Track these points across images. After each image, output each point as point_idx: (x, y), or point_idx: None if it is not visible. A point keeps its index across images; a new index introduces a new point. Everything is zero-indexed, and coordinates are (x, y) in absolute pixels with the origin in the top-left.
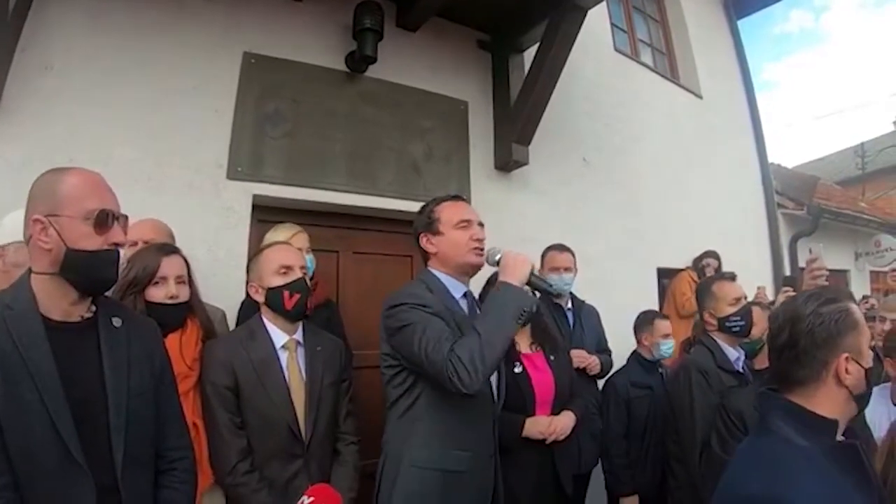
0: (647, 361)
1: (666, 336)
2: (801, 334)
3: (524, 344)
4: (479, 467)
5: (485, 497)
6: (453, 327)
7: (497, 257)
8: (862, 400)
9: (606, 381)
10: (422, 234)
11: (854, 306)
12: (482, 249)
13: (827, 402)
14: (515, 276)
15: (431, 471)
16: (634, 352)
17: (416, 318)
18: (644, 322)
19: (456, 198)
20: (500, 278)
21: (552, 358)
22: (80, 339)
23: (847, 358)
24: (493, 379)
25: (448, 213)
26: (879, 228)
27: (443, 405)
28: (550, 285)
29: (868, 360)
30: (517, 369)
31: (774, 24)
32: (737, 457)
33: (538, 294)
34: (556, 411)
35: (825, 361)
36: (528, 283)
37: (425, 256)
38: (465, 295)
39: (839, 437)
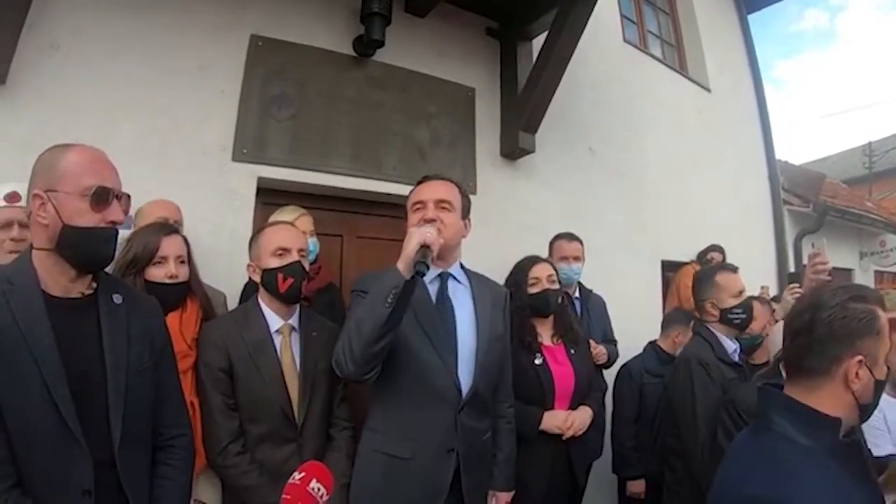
0: (665, 354)
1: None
2: (820, 322)
3: (546, 336)
4: (430, 459)
5: (436, 491)
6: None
7: None
8: (866, 411)
9: (622, 366)
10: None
11: (882, 313)
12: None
13: (831, 400)
14: (402, 256)
15: (375, 452)
16: (653, 342)
17: (354, 304)
18: (681, 320)
19: (424, 179)
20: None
21: (572, 351)
22: (80, 314)
23: (860, 362)
24: (466, 372)
25: (410, 198)
26: (885, 228)
27: (392, 391)
28: (424, 266)
29: (882, 371)
30: (537, 360)
31: (789, 22)
32: (735, 454)
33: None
34: (574, 404)
35: (837, 357)
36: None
37: None
38: (437, 277)
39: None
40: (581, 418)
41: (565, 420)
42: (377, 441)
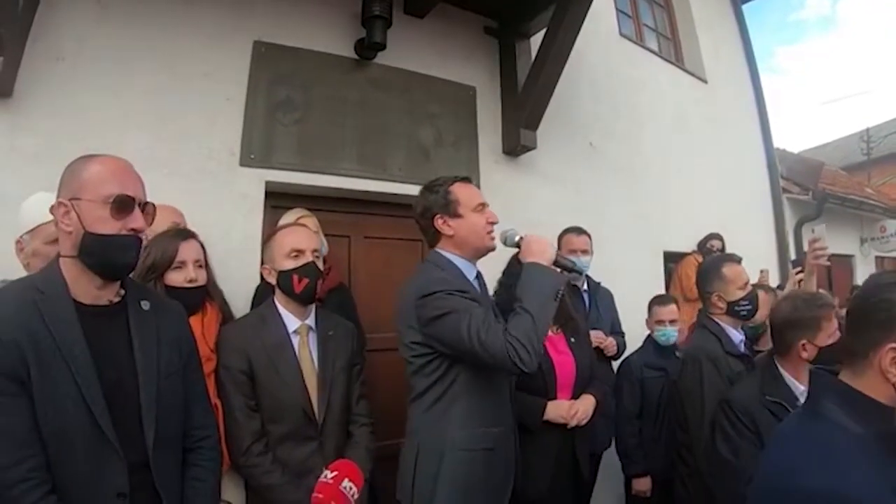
0: (662, 344)
1: (660, 322)
2: (864, 305)
3: None
4: (506, 441)
5: (510, 469)
6: (487, 309)
7: (517, 239)
8: None
9: (623, 361)
10: (438, 216)
11: None
12: (493, 233)
13: (875, 387)
14: (544, 258)
15: (473, 451)
16: (650, 334)
17: (457, 306)
18: (650, 305)
19: (466, 179)
20: (528, 260)
21: (573, 340)
22: (110, 321)
23: (895, 349)
24: None
25: (466, 195)
26: (885, 214)
27: (478, 386)
28: (574, 264)
29: None
30: None
31: (790, 11)
32: (783, 441)
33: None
34: (576, 394)
35: (874, 343)
36: (555, 263)
37: (434, 237)
38: (476, 276)
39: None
40: (584, 407)
41: (569, 409)
42: (470, 439)
